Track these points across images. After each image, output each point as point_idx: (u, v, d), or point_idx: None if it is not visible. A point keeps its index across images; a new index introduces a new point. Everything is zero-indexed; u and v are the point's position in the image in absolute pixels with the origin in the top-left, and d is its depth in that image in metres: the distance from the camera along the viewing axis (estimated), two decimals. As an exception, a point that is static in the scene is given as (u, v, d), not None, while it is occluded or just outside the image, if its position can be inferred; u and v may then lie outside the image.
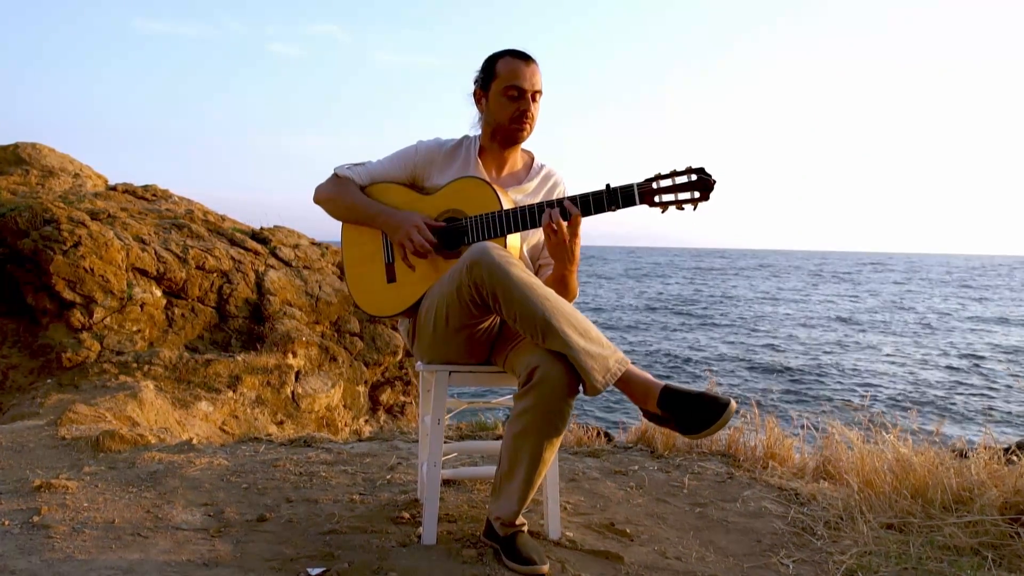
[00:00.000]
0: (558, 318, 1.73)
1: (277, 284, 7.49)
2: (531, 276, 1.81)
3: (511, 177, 2.24)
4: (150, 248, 6.64)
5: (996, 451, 2.57)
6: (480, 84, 2.15)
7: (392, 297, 2.13)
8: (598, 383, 1.71)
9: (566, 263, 1.94)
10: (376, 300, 2.16)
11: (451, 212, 2.09)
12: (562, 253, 1.92)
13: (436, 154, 2.19)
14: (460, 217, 2.07)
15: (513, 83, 2.05)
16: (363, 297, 2.19)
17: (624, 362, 1.77)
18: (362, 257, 2.21)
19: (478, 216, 2.02)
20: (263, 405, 6.38)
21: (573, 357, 1.71)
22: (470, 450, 2.34)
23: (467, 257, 1.82)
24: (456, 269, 1.87)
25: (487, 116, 2.15)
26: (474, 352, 1.99)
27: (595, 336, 1.77)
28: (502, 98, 2.07)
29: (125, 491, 2.54)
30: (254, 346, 6.87)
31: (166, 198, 8.34)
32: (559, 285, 2.01)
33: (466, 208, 2.06)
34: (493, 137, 2.16)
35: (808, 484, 2.79)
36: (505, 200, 2.06)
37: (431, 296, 2.00)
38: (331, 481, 2.69)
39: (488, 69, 2.12)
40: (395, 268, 2.14)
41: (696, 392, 1.73)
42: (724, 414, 1.66)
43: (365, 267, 2.19)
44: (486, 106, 2.14)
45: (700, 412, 1.68)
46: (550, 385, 1.72)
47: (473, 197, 2.06)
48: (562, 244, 1.89)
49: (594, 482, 2.73)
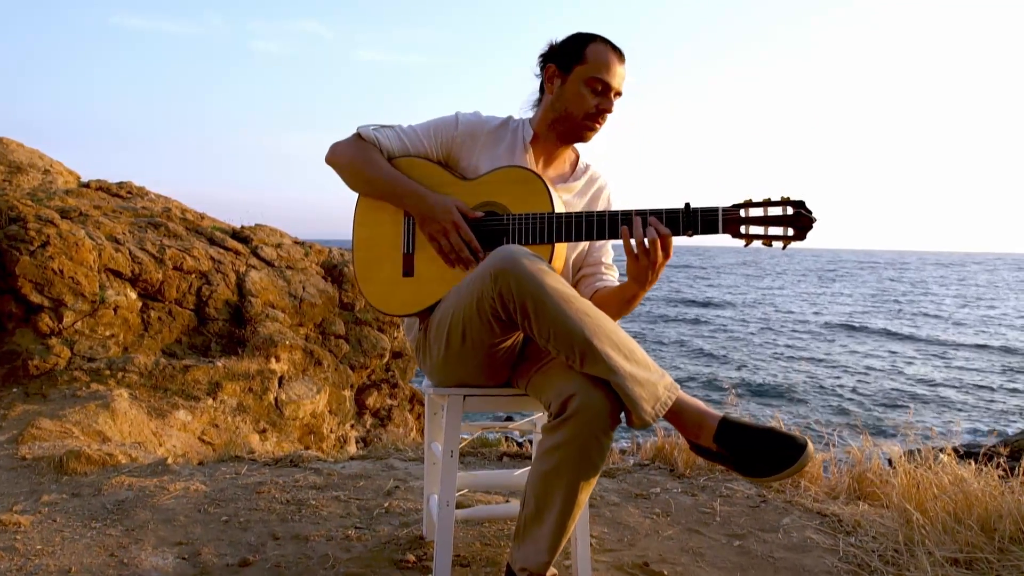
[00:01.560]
0: (600, 337, 1.46)
1: (259, 285, 7.17)
2: (567, 287, 1.53)
3: (556, 174, 1.96)
4: (124, 248, 6.29)
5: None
6: (559, 63, 1.82)
7: (406, 294, 1.82)
8: (647, 414, 1.44)
9: (645, 285, 1.66)
10: (386, 294, 1.84)
11: (491, 205, 1.79)
12: (646, 276, 1.63)
13: (479, 130, 1.88)
14: (501, 213, 1.77)
15: (601, 75, 1.76)
16: (371, 288, 1.86)
17: (675, 388, 1.50)
18: (377, 240, 1.87)
19: (524, 216, 1.73)
20: (245, 413, 6.06)
21: (618, 384, 1.44)
22: (482, 485, 2.06)
23: (491, 263, 1.53)
24: (477, 276, 1.57)
25: (556, 101, 1.83)
26: (493, 374, 1.70)
27: (641, 358, 1.49)
28: (583, 87, 1.78)
29: (87, 527, 2.24)
30: (235, 350, 6.55)
31: (142, 195, 7.98)
32: (626, 305, 1.74)
33: (510, 203, 1.77)
34: (553, 126, 1.85)
35: (847, 507, 2.54)
36: (559, 202, 1.78)
37: (446, 305, 1.70)
38: (322, 511, 2.40)
39: (575, 50, 1.79)
40: (415, 260, 1.83)
41: (762, 427, 1.45)
42: (801, 458, 1.39)
43: (379, 253, 1.86)
44: (559, 89, 1.82)
45: (768, 452, 1.41)
46: (589, 416, 1.44)
47: (521, 192, 1.76)
48: (651, 267, 1.60)
49: (615, 509, 2.47)
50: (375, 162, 1.84)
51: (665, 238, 1.58)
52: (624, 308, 1.75)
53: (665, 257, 1.60)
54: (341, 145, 1.88)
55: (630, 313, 1.80)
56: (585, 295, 1.89)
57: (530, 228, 1.71)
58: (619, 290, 1.76)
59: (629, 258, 1.63)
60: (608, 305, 1.79)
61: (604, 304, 1.81)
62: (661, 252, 1.58)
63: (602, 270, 1.92)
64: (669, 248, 1.59)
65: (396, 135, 1.88)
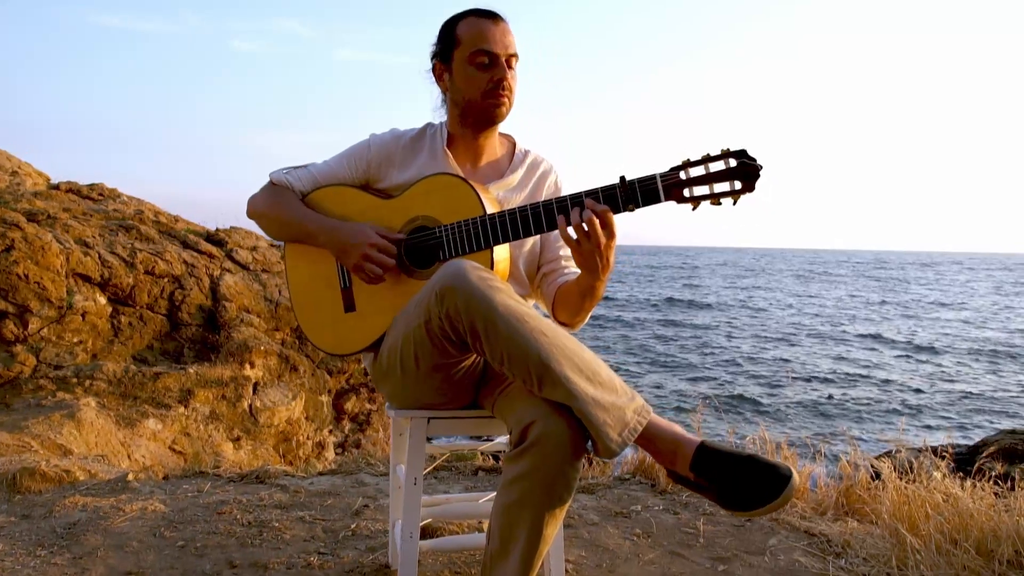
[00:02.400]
0: (559, 359, 1.34)
1: (233, 289, 7.00)
2: (521, 304, 1.41)
3: (491, 168, 1.83)
4: (94, 252, 6.11)
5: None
6: (439, 56, 1.73)
7: (353, 330, 1.72)
8: (613, 443, 1.33)
9: (598, 272, 1.53)
10: (333, 335, 1.74)
11: (421, 220, 1.68)
12: (594, 262, 1.50)
13: (393, 148, 1.77)
14: (432, 226, 1.66)
15: (481, 47, 1.65)
16: (317, 332, 1.77)
17: (645, 411, 1.38)
18: (312, 282, 1.78)
19: (455, 224, 1.62)
20: (218, 421, 5.90)
21: (580, 410, 1.32)
22: (448, 515, 1.93)
23: (436, 281, 1.42)
24: (423, 297, 1.46)
25: (453, 94, 1.73)
26: (456, 395, 1.59)
27: (606, 379, 1.37)
28: (469, 68, 1.66)
29: (33, 555, 2.10)
30: (208, 356, 6.38)
31: (114, 198, 7.78)
32: (586, 298, 1.62)
33: (439, 214, 1.65)
34: (463, 119, 1.74)
35: (835, 524, 2.44)
36: (488, 201, 1.66)
37: (395, 329, 1.59)
38: (285, 534, 2.27)
39: (447, 36, 1.70)
40: (354, 293, 1.72)
41: (744, 455, 1.34)
42: (785, 490, 1.28)
43: (316, 294, 1.77)
44: (450, 82, 1.72)
45: (750, 483, 1.30)
46: (550, 447, 1.32)
47: (447, 200, 1.64)
48: (596, 250, 1.49)
49: (594, 529, 2.35)
50: (286, 204, 1.76)
51: (603, 215, 1.46)
52: (585, 302, 1.64)
53: (609, 237, 1.48)
54: (256, 197, 1.82)
55: (596, 306, 1.68)
56: (549, 293, 1.79)
57: (463, 237, 1.60)
58: (575, 284, 1.65)
59: (571, 247, 1.51)
60: (569, 301, 1.69)
61: (566, 301, 1.71)
62: (602, 231, 1.46)
63: (562, 264, 1.81)
64: (611, 225, 1.47)
65: (308, 174, 1.79)
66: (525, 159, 1.86)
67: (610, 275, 1.56)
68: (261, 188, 1.83)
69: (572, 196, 1.53)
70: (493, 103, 1.69)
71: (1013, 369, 20.99)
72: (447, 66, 1.72)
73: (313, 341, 1.76)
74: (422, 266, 1.67)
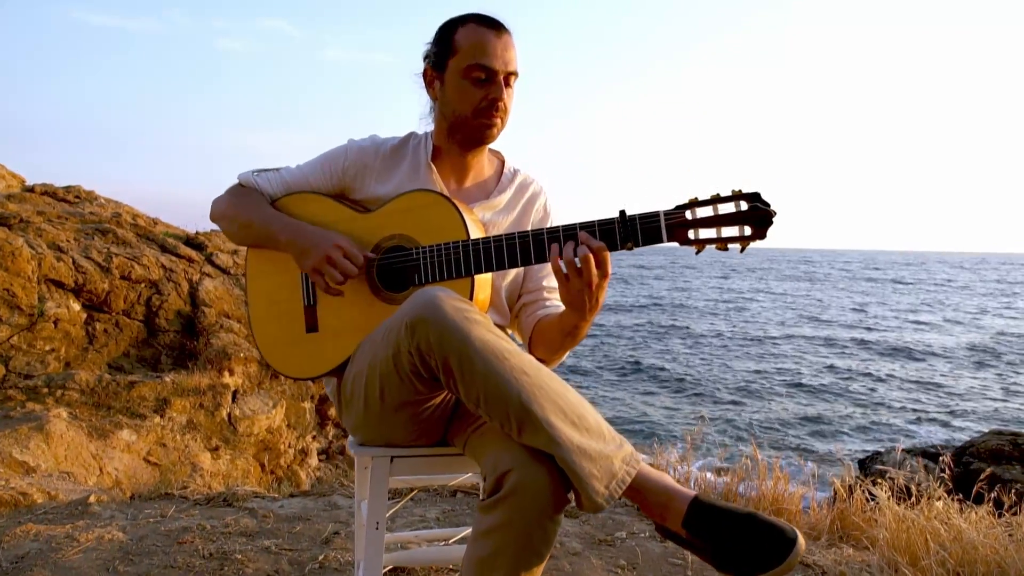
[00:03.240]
0: (541, 401, 1.21)
1: (213, 294, 6.84)
2: (500, 339, 1.28)
3: (477, 188, 1.69)
4: (67, 257, 5.94)
5: None
6: (432, 62, 1.58)
7: (313, 353, 1.58)
8: (599, 496, 1.20)
9: (585, 312, 1.39)
10: (292, 356, 1.60)
11: (397, 239, 1.54)
12: (582, 301, 1.36)
13: (372, 156, 1.63)
14: (410, 247, 1.53)
15: (479, 60, 1.50)
16: (274, 352, 1.62)
17: (634, 460, 1.25)
18: (273, 294, 1.64)
19: (435, 247, 1.48)
20: (195, 430, 5.74)
21: (563, 458, 1.19)
22: (414, 561, 1.80)
23: (407, 310, 1.29)
24: (392, 326, 1.33)
25: (442, 106, 1.59)
26: (424, 432, 1.45)
27: (593, 424, 1.24)
28: (463, 81, 1.52)
29: (-28, 594, 1.95)
30: (186, 364, 6.22)
31: (91, 200, 7.61)
32: (567, 337, 1.49)
33: (418, 235, 1.52)
34: (451, 134, 1.60)
35: (830, 551, 2.32)
36: (473, 224, 1.52)
37: (360, 358, 1.45)
38: (247, 568, 2.13)
39: (444, 40, 1.55)
40: (318, 312, 1.58)
41: (743, 512, 1.21)
42: (789, 556, 1.15)
43: (277, 310, 1.63)
44: (440, 92, 1.58)
45: (750, 544, 1.17)
46: (528, 498, 1.19)
47: (428, 219, 1.51)
48: (586, 289, 1.35)
49: (576, 560, 2.22)
50: (252, 205, 1.61)
51: (599, 252, 1.33)
52: (567, 341, 1.51)
53: (603, 276, 1.35)
54: (220, 197, 1.68)
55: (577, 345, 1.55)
56: (527, 326, 1.65)
57: (443, 261, 1.47)
58: (558, 321, 1.51)
59: (560, 282, 1.38)
60: (549, 339, 1.56)
61: (546, 338, 1.58)
62: (596, 270, 1.33)
63: (544, 295, 1.67)
64: (606, 264, 1.34)
65: (279, 177, 1.66)
66: (514, 179, 1.72)
67: (597, 314, 1.44)
68: (227, 189, 1.69)
69: (566, 227, 1.39)
70: (485, 123, 1.55)
71: (997, 370, 21.06)
72: (439, 74, 1.57)
73: (269, 361, 1.63)
74: (395, 289, 1.53)
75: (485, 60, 1.50)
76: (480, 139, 1.59)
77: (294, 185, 1.65)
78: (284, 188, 1.65)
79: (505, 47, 1.53)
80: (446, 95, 1.56)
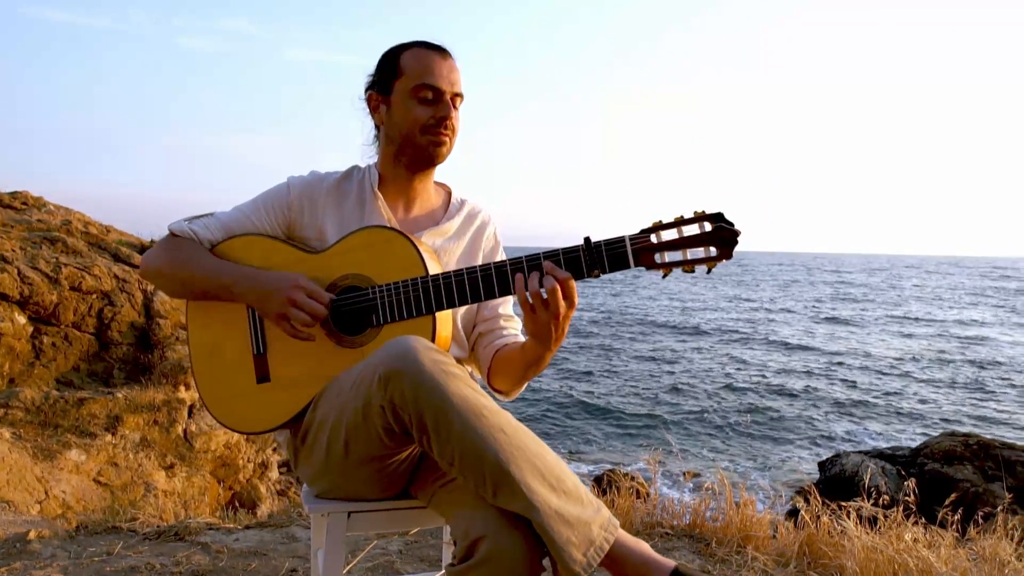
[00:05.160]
0: (519, 463, 1.15)
1: (169, 305, 6.65)
2: (479, 395, 1.22)
3: (425, 215, 1.64)
4: (12, 267, 5.72)
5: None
6: (377, 86, 1.56)
7: (266, 404, 1.48)
8: (576, 563, 1.14)
9: (550, 343, 1.37)
10: (242, 409, 1.50)
11: (351, 279, 1.47)
12: (548, 332, 1.35)
13: (317, 189, 1.57)
14: (364, 286, 1.45)
15: (426, 81, 1.49)
16: (222, 405, 1.52)
17: (612, 526, 1.20)
18: (219, 346, 1.53)
19: (392, 285, 1.41)
20: (149, 448, 5.56)
21: (540, 524, 1.13)
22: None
23: (380, 361, 1.22)
24: (364, 376, 1.25)
25: (388, 129, 1.56)
26: (387, 486, 1.37)
27: (571, 487, 1.19)
28: (410, 101, 1.50)
29: None
30: (139, 378, 6.03)
31: (39, 207, 7.35)
32: (530, 367, 1.45)
33: (372, 273, 1.44)
34: (398, 158, 1.57)
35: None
36: (430, 259, 1.46)
37: (324, 408, 1.37)
38: (198, 614, 2.02)
39: (389, 65, 1.54)
40: (268, 361, 1.49)
41: None
42: None
43: (223, 360, 1.53)
44: (387, 115, 1.55)
45: None
46: (502, 568, 1.12)
47: (382, 256, 1.44)
48: (553, 320, 1.33)
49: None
50: (192, 258, 1.51)
51: (565, 283, 1.31)
52: (529, 371, 1.48)
53: (570, 307, 1.33)
54: (152, 251, 1.57)
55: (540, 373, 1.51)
56: (486, 357, 1.59)
57: (402, 300, 1.40)
58: (520, 352, 1.47)
59: (525, 313, 1.35)
60: (510, 369, 1.52)
61: (506, 369, 1.54)
62: (563, 301, 1.31)
63: (501, 324, 1.63)
64: (573, 295, 1.32)
65: (217, 221, 1.56)
66: (462, 208, 1.68)
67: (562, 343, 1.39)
68: (158, 242, 1.59)
69: (530, 258, 1.35)
70: (433, 141, 1.52)
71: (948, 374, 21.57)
72: (385, 98, 1.55)
73: (217, 416, 1.52)
74: (351, 332, 1.45)
75: (432, 80, 1.50)
76: (429, 158, 1.55)
77: (235, 227, 1.56)
78: (224, 231, 1.56)
79: (450, 69, 1.53)
80: (393, 117, 1.54)
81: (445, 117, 1.51)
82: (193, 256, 1.51)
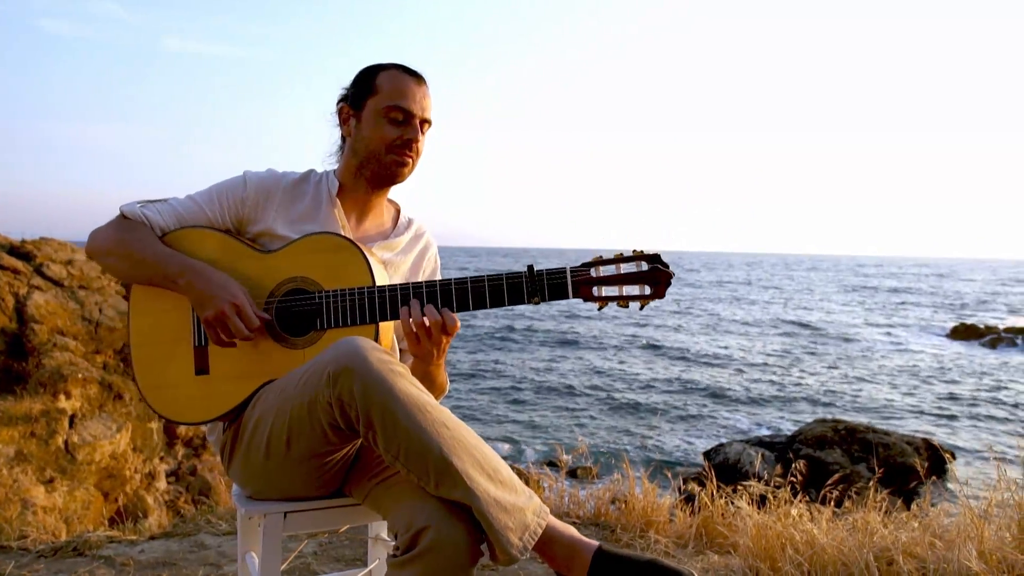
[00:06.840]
0: (460, 454, 1.23)
1: (44, 309, 6.27)
2: (422, 392, 1.29)
3: (376, 229, 1.72)
4: None
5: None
6: (350, 100, 1.63)
7: (202, 396, 1.50)
8: (513, 548, 1.22)
9: (431, 360, 1.48)
10: (177, 399, 1.51)
11: (300, 281, 1.51)
12: (430, 354, 1.46)
13: (272, 189, 1.61)
14: (311, 290, 1.50)
15: (398, 102, 1.58)
16: (158, 394, 1.52)
17: (544, 512, 1.29)
18: (160, 332, 1.54)
19: (339, 292, 1.47)
20: (26, 462, 5.23)
21: (480, 511, 1.21)
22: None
23: (330, 360, 1.27)
24: (311, 374, 1.31)
25: (355, 142, 1.62)
26: (323, 483, 1.42)
27: (507, 478, 1.28)
28: (381, 120, 1.58)
29: None
30: (13, 388, 5.66)
31: None
32: (425, 382, 1.51)
33: (321, 278, 1.50)
34: (360, 172, 1.63)
35: (698, 559, 2.48)
36: (379, 271, 1.53)
37: (265, 405, 1.41)
38: (110, 628, 1.98)
39: (364, 82, 1.61)
40: (209, 353, 1.51)
41: (644, 559, 1.28)
42: None
43: (164, 348, 1.53)
44: (355, 128, 1.62)
45: None
46: (445, 556, 1.19)
47: (332, 263, 1.49)
48: (435, 348, 1.45)
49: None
50: (142, 241, 1.53)
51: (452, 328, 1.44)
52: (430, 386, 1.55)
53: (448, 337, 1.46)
54: (101, 230, 1.58)
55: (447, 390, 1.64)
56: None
57: (347, 307, 1.46)
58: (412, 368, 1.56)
59: (408, 340, 1.46)
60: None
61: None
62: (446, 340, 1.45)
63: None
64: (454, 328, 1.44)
65: (170, 208, 1.59)
66: (410, 226, 1.78)
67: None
68: (108, 222, 1.58)
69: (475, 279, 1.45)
70: (397, 160, 1.61)
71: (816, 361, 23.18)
72: (356, 112, 1.62)
73: (151, 404, 1.52)
74: (295, 333, 1.50)
75: (404, 103, 1.58)
76: (390, 176, 1.63)
77: (187, 217, 1.59)
78: (176, 220, 1.58)
79: (423, 95, 1.61)
80: (361, 132, 1.61)
81: (412, 140, 1.59)
82: (143, 241, 1.52)
